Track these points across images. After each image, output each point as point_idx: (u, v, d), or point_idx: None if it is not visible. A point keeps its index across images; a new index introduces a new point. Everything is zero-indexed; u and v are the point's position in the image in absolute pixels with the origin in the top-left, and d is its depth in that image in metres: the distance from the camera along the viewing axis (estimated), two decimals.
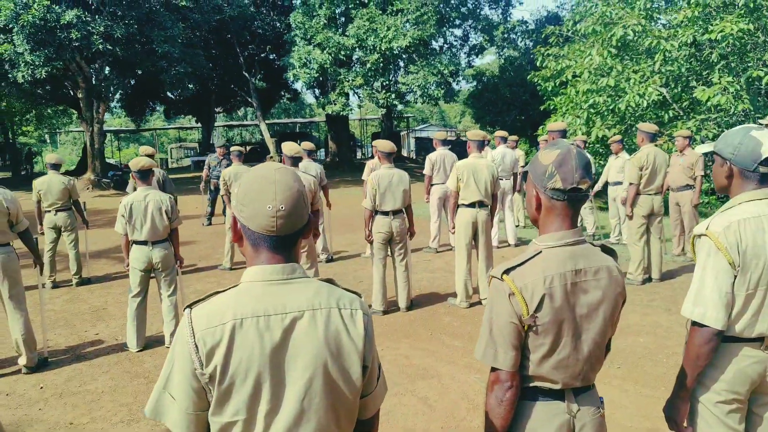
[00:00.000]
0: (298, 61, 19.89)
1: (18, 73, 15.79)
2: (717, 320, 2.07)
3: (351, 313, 1.49)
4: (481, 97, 27.88)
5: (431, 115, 64.85)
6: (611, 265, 1.88)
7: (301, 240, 1.55)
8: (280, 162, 5.83)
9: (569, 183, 1.78)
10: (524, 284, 1.75)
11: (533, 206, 1.89)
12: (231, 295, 1.44)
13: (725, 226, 2.10)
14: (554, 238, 1.83)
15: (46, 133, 36.39)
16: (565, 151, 1.82)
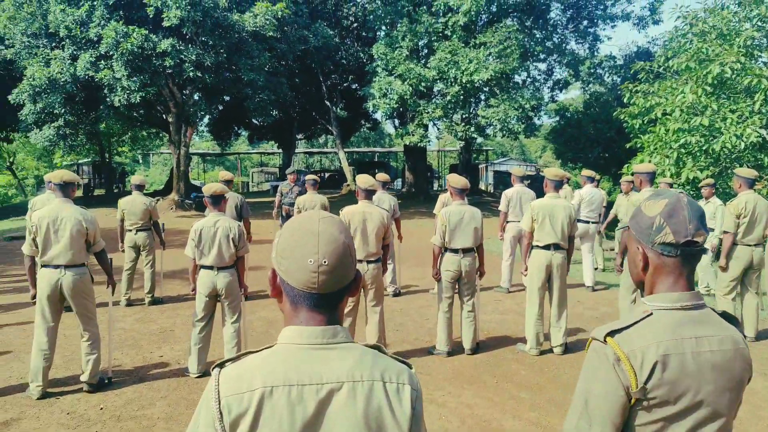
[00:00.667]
0: (379, 91, 20.06)
1: (115, 98, 16.72)
2: None
3: (397, 387, 1.31)
4: (563, 132, 27.21)
5: (511, 149, 64.07)
6: (737, 336, 1.60)
7: (347, 298, 1.38)
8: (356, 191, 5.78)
9: (682, 236, 1.55)
10: (632, 350, 1.51)
11: (639, 265, 1.64)
12: (263, 358, 1.29)
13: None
14: (668, 299, 1.58)
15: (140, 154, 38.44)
16: (675, 200, 1.59)
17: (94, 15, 16.43)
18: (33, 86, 17.01)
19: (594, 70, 27.29)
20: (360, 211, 5.64)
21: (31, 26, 17.62)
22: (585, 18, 27.06)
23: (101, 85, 17.07)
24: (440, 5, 20.05)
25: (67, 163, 34.03)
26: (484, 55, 19.24)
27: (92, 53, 16.47)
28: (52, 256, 4.96)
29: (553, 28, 27.40)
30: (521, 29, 23.65)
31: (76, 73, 16.65)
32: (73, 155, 31.37)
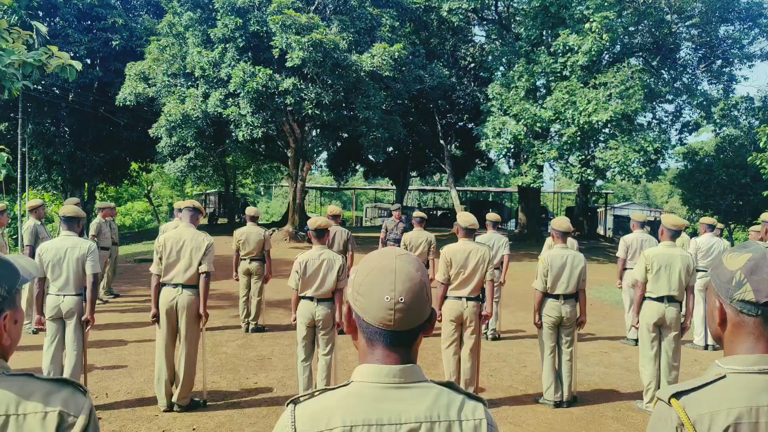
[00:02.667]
0: (492, 131, 19.91)
1: (240, 133, 17.82)
2: None
3: (474, 425, 1.28)
4: (691, 177, 25.55)
5: (634, 192, 61.03)
6: None
7: (422, 337, 1.36)
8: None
9: (764, 295, 1.39)
10: (699, 415, 1.36)
11: (716, 320, 1.50)
12: (341, 396, 1.27)
13: None
14: (746, 361, 1.41)
15: (262, 186, 40.56)
16: (760, 255, 1.43)
17: (225, 56, 17.70)
18: (169, 121, 18.50)
19: (728, 111, 25.52)
20: (461, 249, 5.54)
21: (171, 67, 19.28)
22: (719, 57, 25.48)
23: (228, 121, 18.25)
24: (559, 45, 19.69)
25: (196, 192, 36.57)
26: (604, 95, 18.57)
27: (222, 91, 17.69)
28: (172, 275, 5.31)
29: (682, 68, 26.03)
30: (647, 69, 22.67)
31: (207, 110, 17.93)
32: (202, 185, 33.62)
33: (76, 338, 5.27)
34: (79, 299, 5.24)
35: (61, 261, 5.16)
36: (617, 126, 19.29)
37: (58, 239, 5.29)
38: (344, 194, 60.02)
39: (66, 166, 23.36)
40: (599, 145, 20.65)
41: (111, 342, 7.62)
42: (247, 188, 41.99)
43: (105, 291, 10.54)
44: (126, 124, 23.55)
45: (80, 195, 23.82)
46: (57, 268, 5.17)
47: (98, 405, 5.38)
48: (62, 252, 5.16)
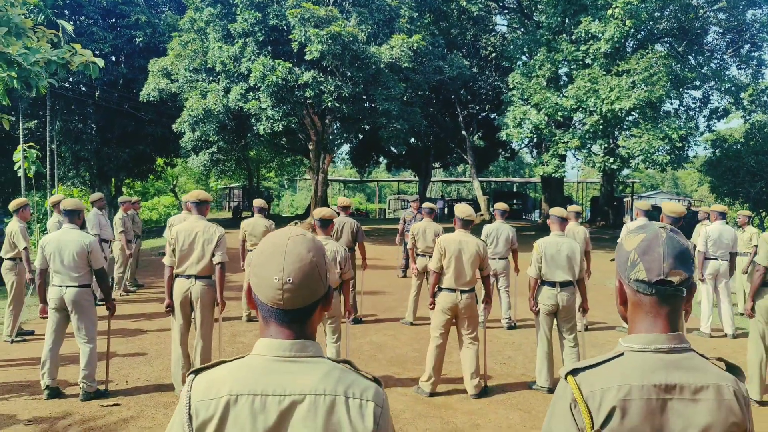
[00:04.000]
0: (513, 120, 19.78)
1: (260, 126, 18.00)
2: None
3: (360, 403, 1.32)
4: (719, 164, 25.06)
5: (662, 181, 60.01)
6: (724, 384, 1.43)
7: (319, 313, 1.41)
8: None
9: (655, 274, 1.43)
10: (592, 391, 1.40)
11: (619, 300, 1.55)
12: (234, 367, 1.35)
13: None
14: (642, 340, 1.46)
15: (285, 179, 40.91)
16: (652, 235, 1.48)
17: (245, 51, 17.87)
18: (192, 116, 18.77)
19: (757, 97, 24.93)
20: (456, 240, 5.55)
21: (193, 62, 19.53)
22: (747, 41, 24.90)
23: (249, 115, 18.45)
24: (581, 33, 19.44)
25: (221, 186, 37.07)
26: (627, 82, 18.30)
27: (242, 86, 17.88)
28: (185, 266, 5.44)
29: (710, 53, 25.51)
30: (672, 55, 22.25)
31: (228, 104, 18.14)
32: (226, 179, 34.03)
33: (85, 329, 5.36)
34: (81, 291, 5.32)
35: (62, 253, 5.26)
36: (641, 113, 19.01)
37: (60, 232, 5.41)
38: (368, 186, 60.15)
39: (93, 162, 23.85)
40: (623, 134, 20.37)
41: (133, 331, 7.82)
42: (271, 182, 42.37)
43: (130, 282, 10.81)
44: (150, 119, 23.94)
45: (107, 190, 24.32)
46: (57, 260, 5.28)
47: (118, 391, 5.56)
48: (63, 244, 5.28)
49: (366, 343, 7.41)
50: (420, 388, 5.62)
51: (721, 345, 7.80)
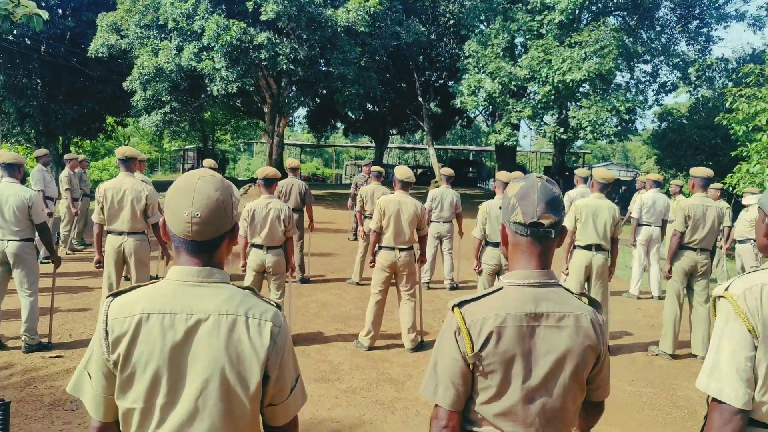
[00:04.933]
0: (467, 88, 19.97)
1: (214, 87, 17.70)
2: (737, 397, 1.74)
3: (259, 323, 1.51)
4: (664, 137, 25.86)
5: (613, 153, 61.50)
6: (582, 313, 1.68)
7: (226, 245, 1.60)
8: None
9: (530, 217, 1.66)
10: (473, 320, 1.62)
11: (502, 241, 1.78)
12: (146, 290, 1.52)
13: (747, 289, 1.79)
14: (519, 276, 1.69)
15: (242, 142, 40.39)
16: (530, 183, 1.70)
17: (199, 8, 17.45)
18: (142, 74, 18.32)
19: (703, 72, 25.71)
20: (395, 201, 5.77)
21: (144, 18, 18.95)
22: (695, 17, 25.55)
23: (203, 75, 18.11)
24: (537, 3, 19.64)
25: (175, 148, 36.38)
26: (579, 54, 18.65)
27: (196, 44, 17.50)
28: (115, 223, 5.48)
29: (660, 28, 26.06)
30: (624, 28, 22.70)
31: (181, 63, 17.75)
32: (180, 141, 33.41)
33: (27, 282, 5.37)
34: (22, 245, 5.31)
35: (2, 207, 5.23)
36: (592, 85, 19.44)
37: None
38: (326, 152, 59.78)
39: (39, 118, 23.06)
40: (573, 105, 20.82)
41: (78, 288, 7.85)
42: (227, 144, 41.80)
43: (77, 241, 10.71)
44: (99, 76, 23.20)
45: (54, 148, 23.62)
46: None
47: (61, 344, 5.64)
48: (2, 198, 5.24)
49: (312, 302, 7.62)
50: (359, 342, 5.88)
51: (647, 305, 8.30)
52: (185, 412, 1.46)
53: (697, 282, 5.96)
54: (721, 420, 1.77)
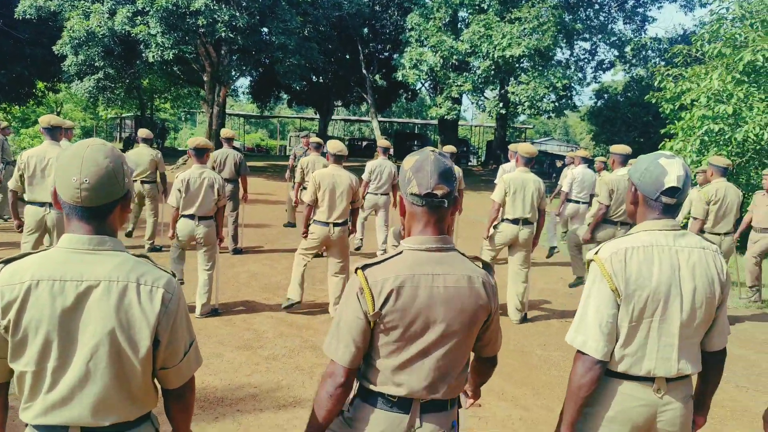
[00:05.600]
0: (409, 61, 20.07)
1: (150, 53, 17.21)
2: (597, 350, 1.97)
3: (151, 289, 1.57)
4: (599, 114, 26.72)
5: (554, 128, 62.92)
6: (475, 275, 1.83)
7: (118, 213, 1.65)
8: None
9: (424, 188, 1.77)
10: (375, 281, 1.74)
11: (400, 211, 1.91)
12: (37, 258, 1.57)
13: (613, 253, 2.00)
14: (417, 241, 1.82)
15: (183, 112, 39.35)
16: (424, 156, 1.81)
17: None
18: (73, 38, 17.61)
19: (638, 52, 26.55)
20: (330, 174, 5.85)
21: None
22: None
23: (138, 41, 17.56)
24: None
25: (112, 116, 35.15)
26: (518, 30, 18.97)
27: (129, 8, 16.92)
28: (38, 193, 5.37)
29: (599, 7, 26.70)
30: (564, 6, 23.15)
31: (114, 28, 17.15)
32: (116, 109, 32.32)
33: None
34: None
35: None
36: (531, 61, 19.84)
37: None
38: (271, 123, 58.93)
39: None
40: (512, 80, 21.21)
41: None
42: (168, 114, 40.63)
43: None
44: (29, 39, 22.13)
45: None
46: None
47: None
48: None
49: (243, 272, 7.68)
50: (289, 299, 5.94)
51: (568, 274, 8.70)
52: (76, 375, 1.52)
53: None
54: (583, 368, 1.99)
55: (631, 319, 1.97)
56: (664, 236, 2.01)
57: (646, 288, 1.95)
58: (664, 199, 2.01)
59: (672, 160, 2.01)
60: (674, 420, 2.02)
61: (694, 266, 2.00)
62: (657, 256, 1.98)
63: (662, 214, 2.04)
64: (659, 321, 1.98)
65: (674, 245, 2.01)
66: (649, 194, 2.03)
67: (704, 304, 2.00)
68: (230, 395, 4.24)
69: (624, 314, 1.98)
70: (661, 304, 1.97)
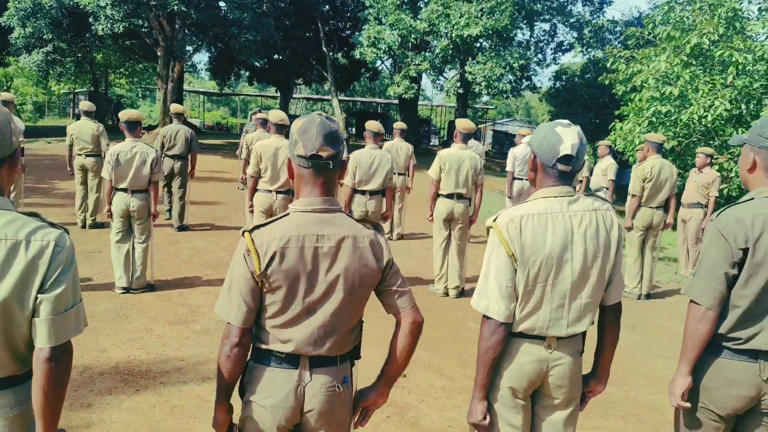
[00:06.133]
0: (367, 39, 19.93)
1: (99, 26, 16.71)
2: (499, 312, 2.05)
3: (41, 245, 1.57)
4: (557, 95, 27.03)
5: (517, 109, 63.44)
6: (360, 235, 1.88)
7: (10, 173, 1.68)
8: None
9: (310, 150, 1.81)
10: (261, 242, 1.79)
11: (289, 174, 1.94)
12: None
13: (509, 220, 2.07)
14: (303, 203, 1.86)
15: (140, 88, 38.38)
16: (310, 119, 1.86)
17: None
18: (19, 9, 17.02)
19: (595, 34, 26.82)
20: (272, 146, 5.84)
21: None
22: None
23: (87, 13, 17.02)
24: None
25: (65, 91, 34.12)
26: (476, 10, 18.97)
27: None
28: None
29: None
30: None
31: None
32: (69, 84, 31.40)
33: None
34: None
35: None
36: (489, 41, 19.88)
37: None
38: (233, 101, 57.98)
39: None
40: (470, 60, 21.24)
41: None
42: (124, 90, 39.62)
43: None
44: None
45: None
46: None
47: None
48: None
49: (186, 248, 7.61)
50: None
51: None
52: None
53: None
54: (488, 331, 2.08)
55: (527, 283, 2.05)
56: (559, 203, 2.08)
57: (540, 254, 2.03)
58: (559, 166, 2.07)
59: (568, 129, 2.07)
60: (564, 374, 2.13)
61: (585, 229, 2.07)
62: (551, 222, 2.05)
63: (558, 181, 2.10)
64: (552, 284, 2.06)
65: (567, 211, 2.08)
66: (546, 161, 2.09)
67: (596, 264, 2.08)
68: (155, 368, 4.23)
69: (520, 278, 2.05)
70: (554, 269, 2.05)
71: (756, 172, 2.19)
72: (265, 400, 1.86)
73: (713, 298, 2.13)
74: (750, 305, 2.10)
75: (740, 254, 2.08)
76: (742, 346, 2.13)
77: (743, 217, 2.08)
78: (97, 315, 5.15)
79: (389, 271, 1.95)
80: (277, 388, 1.85)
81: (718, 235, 2.12)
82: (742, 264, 2.09)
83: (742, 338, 2.13)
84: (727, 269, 2.10)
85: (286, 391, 1.85)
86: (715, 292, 2.12)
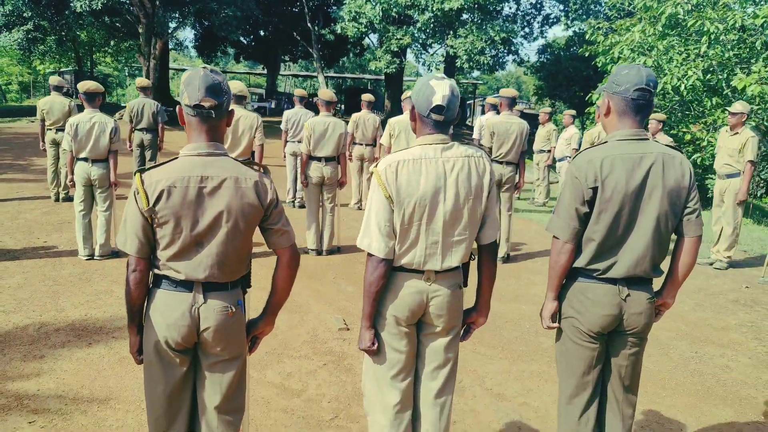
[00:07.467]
0: (348, 14, 19.86)
1: (77, 3, 16.64)
2: (379, 249, 2.26)
3: None
4: (543, 68, 27.08)
5: (507, 84, 63.30)
6: (243, 177, 2.09)
7: None
8: None
9: (193, 100, 2.01)
10: (150, 182, 2.01)
11: (180, 121, 2.13)
12: None
13: (387, 165, 2.26)
14: (190, 148, 2.08)
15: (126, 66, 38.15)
16: (195, 72, 2.05)
17: None
18: None
19: (581, 6, 26.78)
20: (242, 116, 6.06)
21: None
22: None
23: None
24: None
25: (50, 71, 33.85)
26: None
27: None
28: None
29: None
30: None
31: None
32: (54, 63, 31.21)
33: None
34: None
35: None
36: (471, 14, 19.82)
37: None
38: None
39: None
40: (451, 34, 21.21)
41: None
42: (112, 68, 39.37)
43: None
44: None
45: None
46: None
47: None
48: None
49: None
50: None
51: None
52: None
53: (503, 193, 6.62)
54: (371, 267, 2.30)
55: (403, 222, 2.25)
56: (433, 149, 2.27)
57: (414, 195, 2.23)
58: (433, 116, 2.26)
59: (441, 81, 2.25)
60: (442, 304, 2.35)
61: (458, 174, 2.27)
62: (425, 167, 2.24)
63: (433, 129, 2.29)
64: (426, 223, 2.27)
65: (441, 157, 2.27)
66: (422, 111, 2.27)
67: (468, 206, 2.28)
68: (109, 325, 4.44)
69: (397, 218, 2.26)
70: (427, 209, 2.25)
71: (611, 117, 2.39)
72: (162, 318, 2.09)
73: (569, 233, 2.36)
74: (603, 239, 2.32)
75: (590, 193, 2.29)
76: (602, 276, 2.35)
77: (594, 158, 2.30)
78: (60, 279, 5.35)
79: (273, 211, 2.18)
80: (173, 308, 2.08)
81: (572, 176, 2.34)
82: (593, 202, 2.30)
83: (601, 269, 2.35)
84: (578, 206, 2.32)
85: (181, 311, 2.08)
86: (570, 228, 2.35)
